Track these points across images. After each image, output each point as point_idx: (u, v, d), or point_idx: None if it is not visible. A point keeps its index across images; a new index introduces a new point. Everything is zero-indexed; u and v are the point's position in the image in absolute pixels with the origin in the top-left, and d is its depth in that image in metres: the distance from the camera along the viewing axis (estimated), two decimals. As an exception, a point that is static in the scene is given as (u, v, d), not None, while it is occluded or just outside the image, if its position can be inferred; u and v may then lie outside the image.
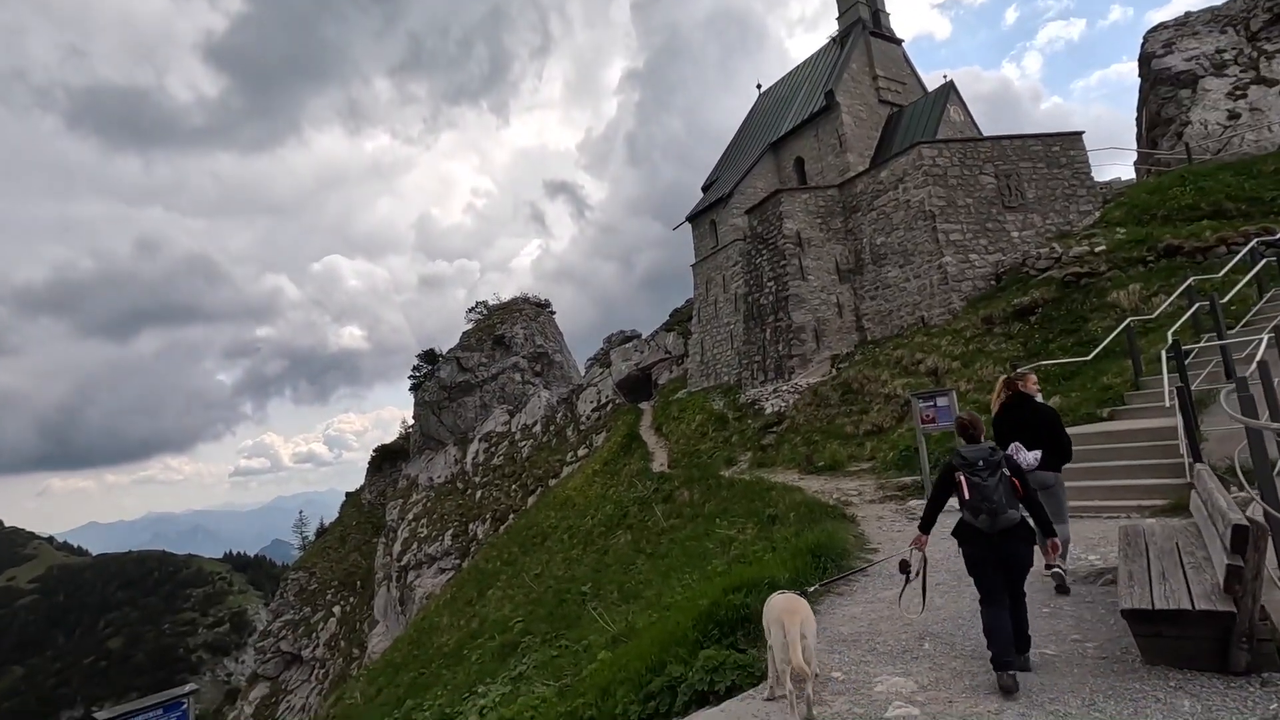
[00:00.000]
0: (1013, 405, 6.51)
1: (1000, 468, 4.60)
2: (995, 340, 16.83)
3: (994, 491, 4.48)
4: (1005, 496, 4.49)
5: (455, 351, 54.76)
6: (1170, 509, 7.90)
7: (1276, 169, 17.61)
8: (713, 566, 10.93)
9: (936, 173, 20.52)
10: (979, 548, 4.56)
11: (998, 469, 4.58)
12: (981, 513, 4.48)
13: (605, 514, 21.31)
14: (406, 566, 45.53)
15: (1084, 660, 4.47)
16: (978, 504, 4.50)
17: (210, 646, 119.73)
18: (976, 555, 4.59)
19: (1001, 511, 4.45)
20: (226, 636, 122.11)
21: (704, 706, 4.91)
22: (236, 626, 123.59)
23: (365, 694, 24.18)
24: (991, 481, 4.52)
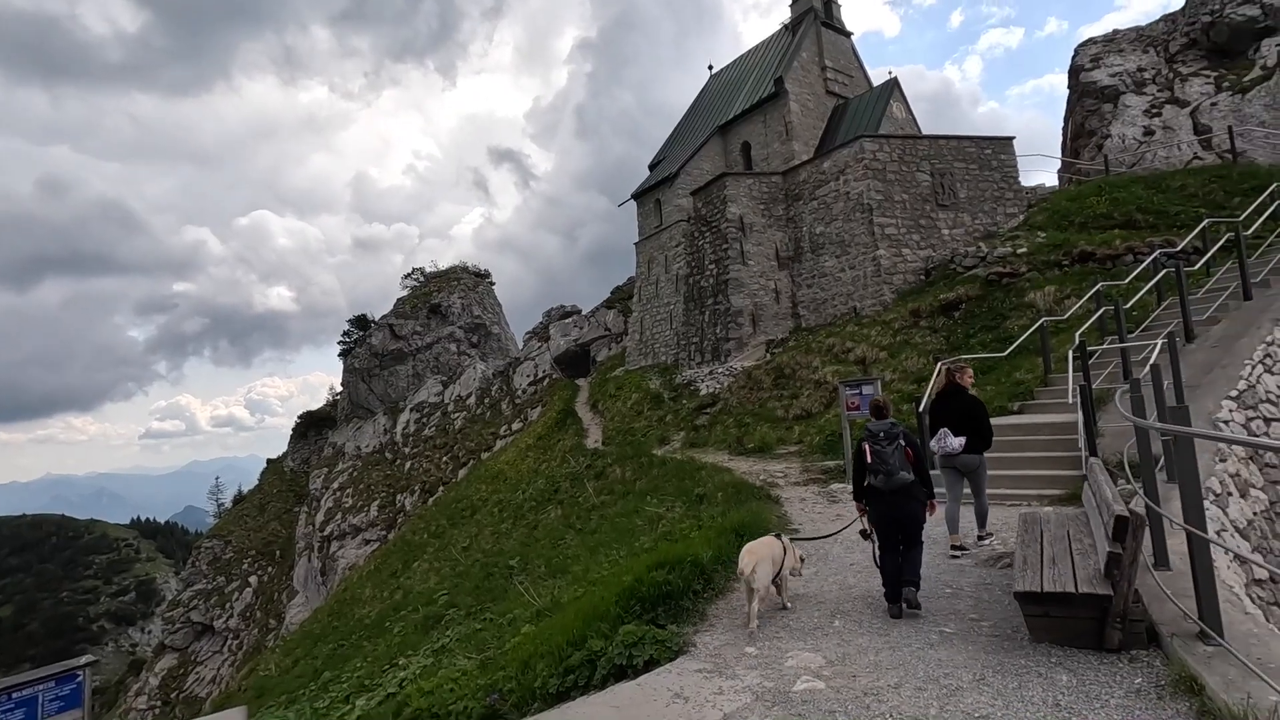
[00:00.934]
0: (948, 394, 7.21)
1: (897, 440, 5.52)
2: (921, 333, 17.53)
3: (890, 457, 5.45)
4: (899, 462, 5.44)
5: (389, 318, 53.13)
6: (1067, 498, 8.46)
7: (1183, 185, 18.83)
8: (640, 543, 11.08)
9: (876, 167, 21.05)
10: (878, 504, 5.58)
11: (895, 440, 5.51)
12: (879, 474, 5.47)
13: (537, 489, 21.26)
14: (330, 537, 44.35)
15: (978, 638, 4.76)
16: (877, 467, 5.49)
17: (113, 616, 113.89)
18: (876, 510, 5.62)
19: (894, 474, 5.41)
20: (132, 606, 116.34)
21: (622, 680, 4.99)
22: (143, 595, 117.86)
23: (280, 665, 23.54)
24: (889, 450, 5.48)
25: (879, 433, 5.60)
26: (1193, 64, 24.46)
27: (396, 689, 11.88)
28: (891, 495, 5.45)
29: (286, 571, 50.90)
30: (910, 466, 5.48)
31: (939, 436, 6.89)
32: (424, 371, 51.00)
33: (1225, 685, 3.41)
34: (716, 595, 6.19)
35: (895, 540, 5.49)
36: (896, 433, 5.56)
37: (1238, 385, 9.86)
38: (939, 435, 6.89)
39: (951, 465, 7.09)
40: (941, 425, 6.95)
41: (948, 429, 6.90)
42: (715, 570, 6.51)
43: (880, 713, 3.74)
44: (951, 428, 6.94)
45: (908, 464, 5.46)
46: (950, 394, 7.21)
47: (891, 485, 5.42)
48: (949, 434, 6.88)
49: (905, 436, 5.58)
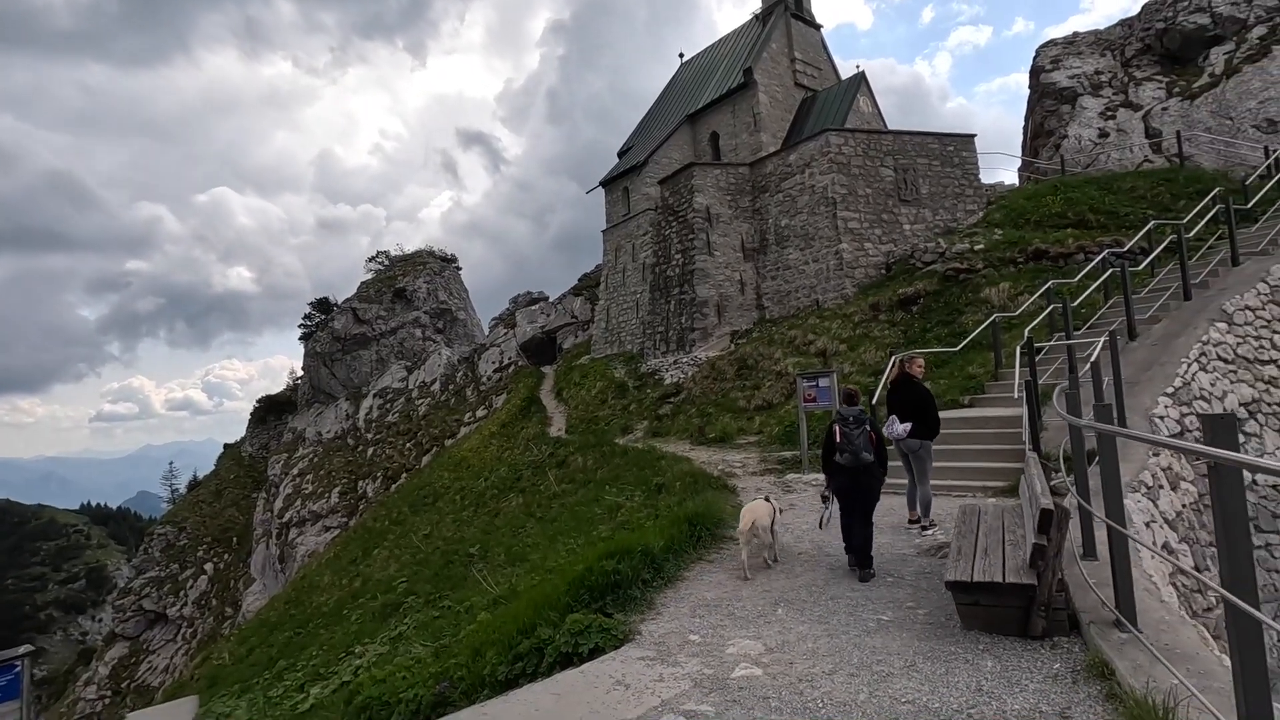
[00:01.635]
0: (899, 383, 7.80)
1: (864, 425, 6.45)
2: (880, 326, 17.85)
3: (856, 439, 6.37)
4: (863, 444, 6.37)
5: (352, 302, 52.13)
6: (1009, 490, 8.76)
7: (1133, 187, 19.45)
8: (598, 532, 11.14)
9: (841, 161, 21.29)
10: (843, 478, 6.50)
11: (862, 425, 6.45)
12: (846, 453, 6.40)
13: (499, 476, 21.19)
14: (289, 523, 43.59)
15: (913, 625, 4.92)
16: (845, 447, 6.41)
17: (62, 604, 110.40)
18: (841, 484, 6.53)
19: (859, 453, 6.35)
20: (82, 594, 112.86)
21: (568, 668, 5.05)
22: (94, 583, 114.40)
23: (235, 654, 23.13)
24: (856, 432, 6.40)
25: (849, 418, 6.50)
26: (1147, 69, 25.19)
27: (351, 677, 11.80)
28: (854, 471, 6.39)
29: (244, 559, 49.94)
30: (872, 449, 6.40)
31: (889, 423, 7.54)
32: (388, 356, 50.24)
33: (1133, 669, 3.60)
34: (665, 584, 6.28)
35: (855, 509, 6.42)
36: (864, 419, 6.49)
37: (1174, 382, 10.28)
38: (889, 422, 7.55)
39: (901, 451, 7.73)
40: (893, 413, 7.57)
41: (895, 416, 7.53)
42: (666, 560, 6.60)
43: (813, 699, 3.86)
44: (900, 415, 7.54)
45: (870, 446, 6.39)
46: (901, 384, 7.77)
47: (856, 464, 6.35)
48: (896, 420, 7.52)
49: (870, 423, 6.53)
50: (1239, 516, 2.53)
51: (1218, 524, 2.57)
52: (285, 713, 12.97)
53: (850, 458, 6.37)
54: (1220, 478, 2.55)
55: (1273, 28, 21.95)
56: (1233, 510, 2.53)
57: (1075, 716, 3.38)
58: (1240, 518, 2.53)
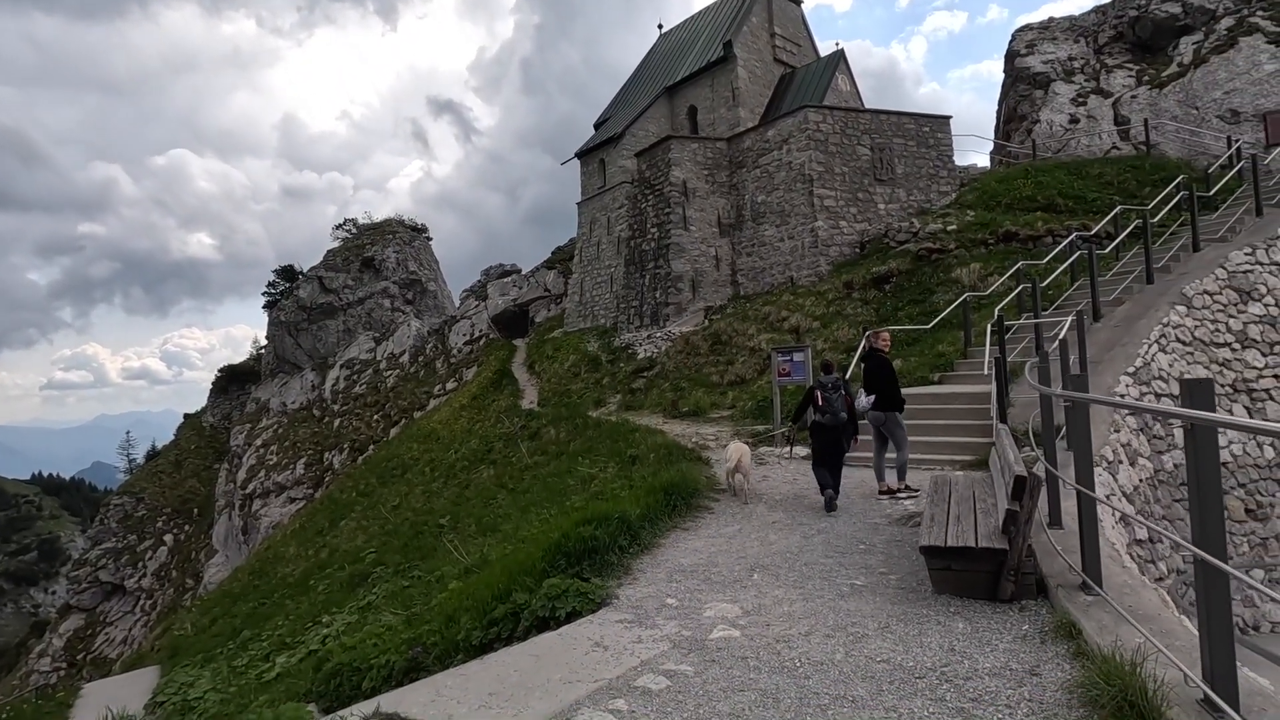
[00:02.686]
0: (866, 357, 8.47)
1: (840, 389, 7.79)
2: (853, 304, 18.03)
3: (835, 402, 7.71)
4: (839, 406, 7.71)
5: (318, 270, 50.89)
6: (978, 464, 8.94)
7: (1101, 173, 19.83)
8: (571, 502, 11.13)
9: (819, 138, 21.27)
10: (820, 434, 7.81)
11: (839, 389, 7.78)
12: (826, 413, 7.71)
13: (470, 448, 21.05)
14: (252, 495, 42.87)
15: (886, 590, 5.02)
16: (824, 408, 7.73)
17: (13, 576, 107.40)
18: (819, 439, 7.83)
19: (837, 414, 7.70)
20: (34, 565, 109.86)
21: (544, 631, 5.05)
22: (46, 554, 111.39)
23: (197, 625, 22.81)
24: (834, 396, 7.72)
25: (828, 384, 7.82)
26: (1118, 56, 25.56)
27: (319, 646, 11.68)
28: (831, 429, 7.70)
29: (205, 530, 49.06)
30: (847, 410, 7.74)
31: (858, 395, 8.13)
32: (355, 327, 49.30)
33: (1099, 629, 3.71)
34: (642, 551, 6.30)
35: (828, 458, 7.74)
36: (840, 384, 7.83)
37: (1135, 362, 10.58)
38: (858, 392, 8.16)
39: (877, 424, 8.24)
40: (861, 386, 8.19)
41: (863, 388, 8.15)
42: (642, 527, 6.61)
43: (790, 658, 3.91)
44: (867, 388, 8.14)
45: (845, 408, 7.73)
46: (867, 357, 8.43)
47: (834, 422, 7.69)
48: (863, 393, 8.15)
49: (845, 388, 7.88)
50: (1212, 476, 2.65)
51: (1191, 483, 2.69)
52: (251, 681, 12.84)
53: (830, 417, 7.68)
54: (1196, 438, 2.67)
55: (1240, 19, 22.40)
56: (1207, 470, 2.65)
57: (1044, 673, 3.48)
58: (1214, 477, 2.65)
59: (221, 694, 12.72)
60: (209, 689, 13.40)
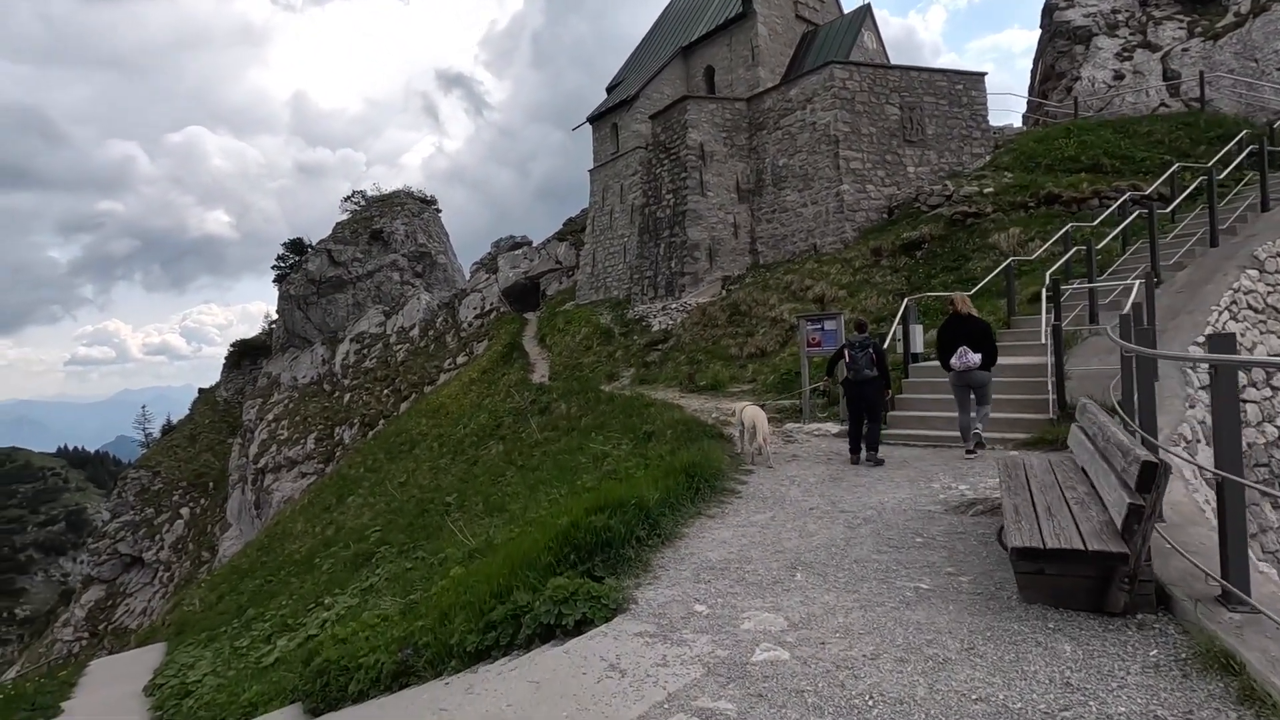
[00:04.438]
0: (959, 319, 8.25)
1: (868, 349, 8.16)
2: (882, 272, 16.97)
3: (859, 360, 8.13)
4: (866, 363, 8.11)
5: (326, 243, 50.15)
6: (1034, 443, 8.03)
7: (1149, 131, 18.47)
8: (583, 481, 10.39)
9: (845, 96, 20.00)
10: (850, 389, 8.32)
11: (866, 349, 8.16)
12: (852, 370, 8.17)
13: (478, 423, 20.35)
14: (264, 469, 42.73)
15: (959, 596, 4.16)
16: (850, 366, 8.20)
17: (42, 546, 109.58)
18: (848, 394, 8.40)
19: (861, 371, 8.12)
20: (62, 536, 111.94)
21: (549, 641, 4.25)
22: (74, 525, 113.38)
23: (205, 601, 22.53)
24: (860, 355, 8.14)
25: (856, 343, 8.24)
26: (1167, 8, 23.87)
27: (318, 630, 11.15)
28: (858, 385, 8.13)
29: (220, 504, 49.25)
30: (874, 366, 8.11)
31: (959, 354, 7.95)
32: (365, 300, 48.66)
33: (1269, 662, 2.84)
34: (662, 543, 5.47)
35: (860, 414, 8.12)
36: (868, 344, 8.19)
37: (1205, 330, 9.53)
38: (959, 352, 7.96)
39: (964, 382, 8.06)
40: (958, 345, 7.99)
41: (967, 347, 7.94)
42: (662, 515, 5.78)
43: (858, 693, 3.07)
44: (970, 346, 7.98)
45: (873, 365, 8.11)
46: (961, 319, 8.23)
47: (859, 378, 8.11)
48: (969, 351, 7.93)
49: (875, 347, 8.19)
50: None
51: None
52: (249, 665, 12.36)
53: (855, 374, 8.11)
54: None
55: (1304, -36, 20.69)
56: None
57: (1206, 725, 2.62)
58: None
59: (219, 678, 12.28)
60: (208, 672, 12.99)
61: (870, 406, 7.99)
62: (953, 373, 8.11)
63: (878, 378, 8.05)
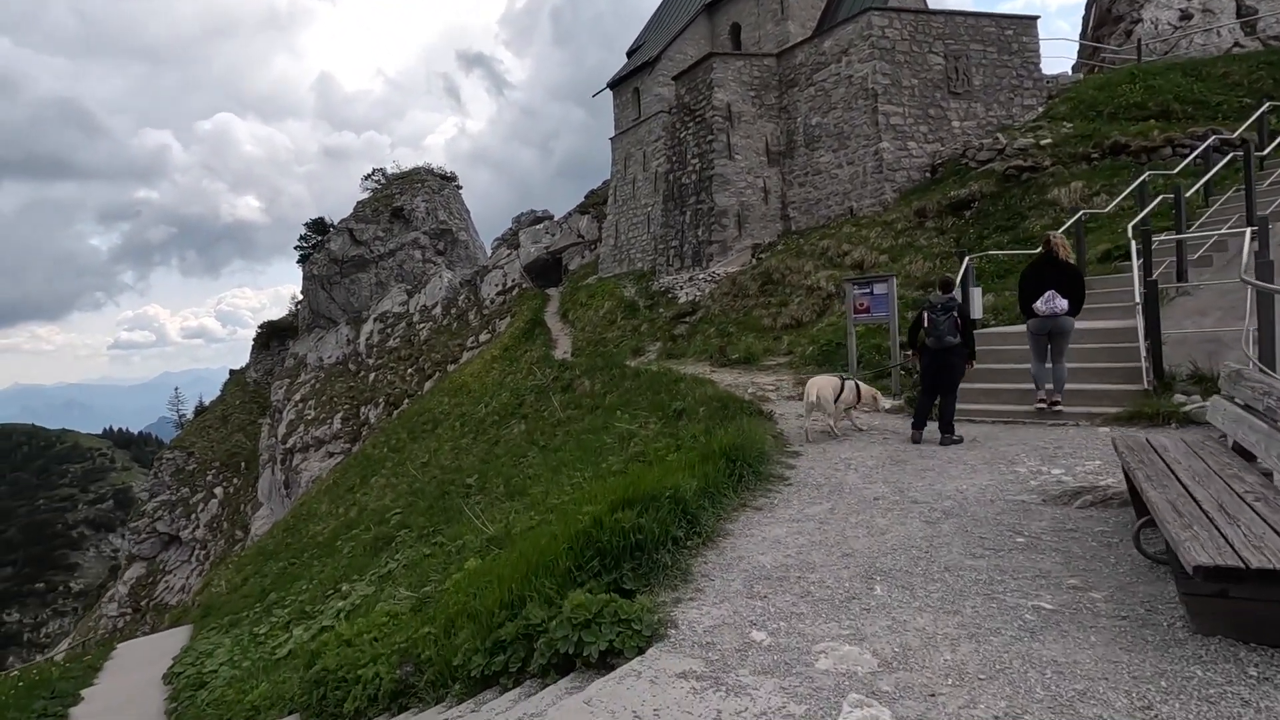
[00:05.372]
0: (1049, 262, 7.51)
1: (951, 311, 7.09)
2: (926, 234, 15.71)
3: (941, 325, 7.07)
4: (948, 329, 7.06)
5: (348, 222, 49.69)
6: (1128, 417, 6.95)
7: (1225, 73, 16.80)
8: (608, 464, 9.55)
9: (885, 45, 18.52)
10: (928, 357, 7.30)
11: (949, 312, 7.08)
12: (932, 336, 7.15)
13: (500, 402, 19.64)
14: (292, 449, 42.85)
15: (1097, 620, 3.19)
16: (931, 331, 7.15)
17: (92, 523, 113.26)
18: (926, 362, 7.37)
19: (943, 337, 7.08)
20: (110, 513, 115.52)
21: (568, 674, 3.39)
22: (121, 503, 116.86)
23: (231, 583, 22.40)
24: (942, 319, 7.07)
25: (938, 304, 7.18)
26: (1238, -60, 21.78)
27: (333, 620, 10.69)
28: (937, 352, 7.16)
29: (251, 483, 49.81)
30: (957, 333, 7.07)
31: (1047, 298, 7.32)
32: (387, 279, 48.25)
33: None
34: (704, 543, 4.56)
35: (935, 385, 7.22)
36: (951, 306, 7.12)
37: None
38: (1047, 296, 7.32)
39: (1045, 329, 7.44)
40: (1044, 289, 7.35)
41: (1055, 291, 7.30)
42: (701, 508, 4.87)
43: (1003, 784, 2.14)
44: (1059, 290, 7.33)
45: (955, 330, 7.06)
46: (1050, 262, 7.50)
47: (940, 345, 7.11)
48: (1057, 295, 7.30)
49: (959, 309, 7.14)
50: None
51: None
52: (264, 655, 11.97)
53: (935, 340, 7.11)
54: None
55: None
56: None
57: None
58: None
59: (234, 668, 11.90)
60: (224, 661, 12.64)
61: (951, 378, 7.13)
62: (1034, 319, 7.45)
63: (961, 345, 7.09)
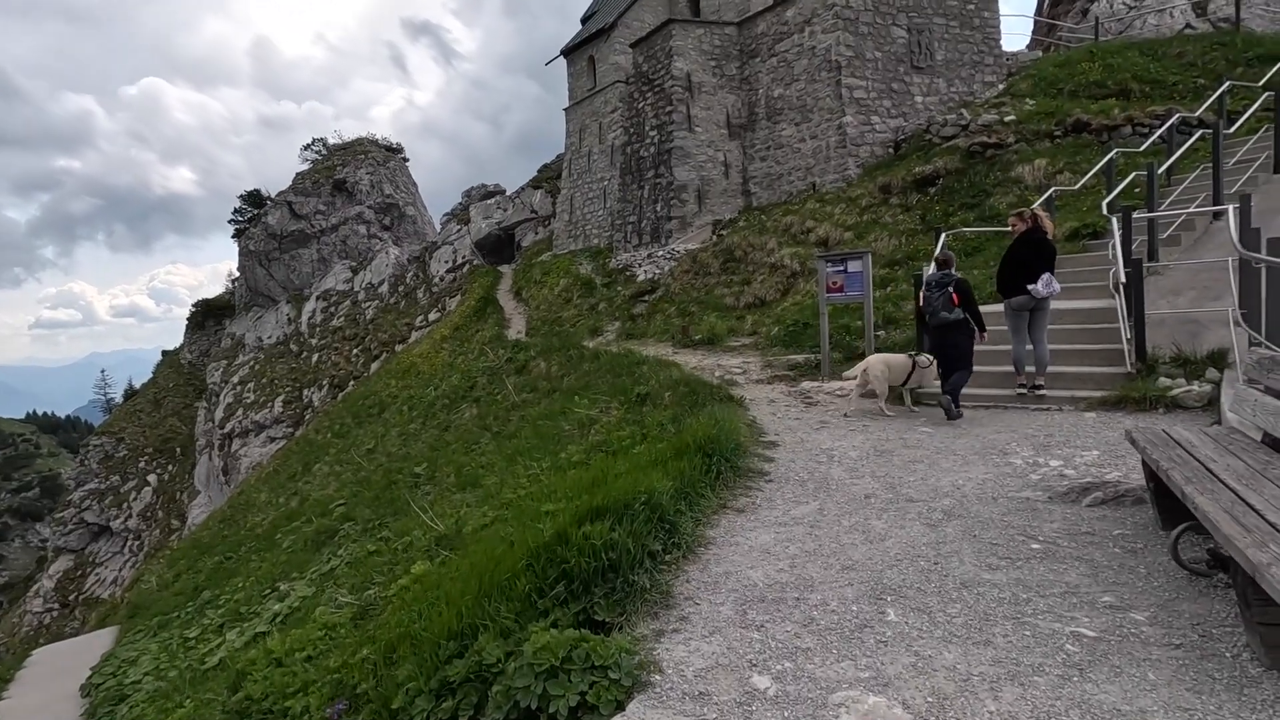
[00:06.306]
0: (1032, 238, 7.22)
1: (946, 287, 7.03)
2: (892, 211, 15.40)
3: (935, 301, 7.08)
4: (943, 304, 7.01)
5: (286, 195, 47.15)
6: (1115, 401, 6.66)
7: (1180, 53, 16.88)
8: (568, 453, 8.92)
9: (849, 16, 18.02)
10: (930, 335, 7.40)
11: (945, 288, 7.05)
12: (927, 314, 7.22)
13: (451, 384, 18.73)
14: (231, 434, 40.84)
15: (1149, 651, 2.74)
16: (926, 308, 7.25)
17: (17, 512, 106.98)
18: (931, 340, 7.45)
19: (937, 313, 7.06)
20: (37, 502, 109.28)
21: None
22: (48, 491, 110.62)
23: (162, 579, 21.02)
24: (936, 295, 7.07)
25: (932, 282, 7.21)
26: (1190, -79, 21.96)
27: (268, 626, 9.82)
28: (937, 329, 7.16)
29: (188, 470, 47.44)
30: (953, 308, 6.96)
31: (1045, 280, 7.07)
32: (330, 256, 46.10)
33: None
34: (684, 556, 3.99)
35: (946, 358, 7.18)
36: (947, 281, 7.07)
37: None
38: (1045, 279, 7.07)
39: (1028, 309, 7.23)
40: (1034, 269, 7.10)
41: (1049, 274, 7.08)
42: (680, 513, 4.29)
43: None
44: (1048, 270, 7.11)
45: (952, 306, 6.95)
46: (1036, 241, 7.21)
47: (935, 322, 7.09)
48: (1054, 280, 7.12)
49: (957, 284, 7.05)
50: None
51: None
52: (192, 664, 11.04)
53: (931, 317, 7.11)
54: None
55: None
56: None
57: None
58: None
59: (158, 679, 10.93)
60: (148, 670, 11.62)
61: (960, 354, 7.01)
62: (1021, 298, 7.12)
63: (964, 320, 6.92)
